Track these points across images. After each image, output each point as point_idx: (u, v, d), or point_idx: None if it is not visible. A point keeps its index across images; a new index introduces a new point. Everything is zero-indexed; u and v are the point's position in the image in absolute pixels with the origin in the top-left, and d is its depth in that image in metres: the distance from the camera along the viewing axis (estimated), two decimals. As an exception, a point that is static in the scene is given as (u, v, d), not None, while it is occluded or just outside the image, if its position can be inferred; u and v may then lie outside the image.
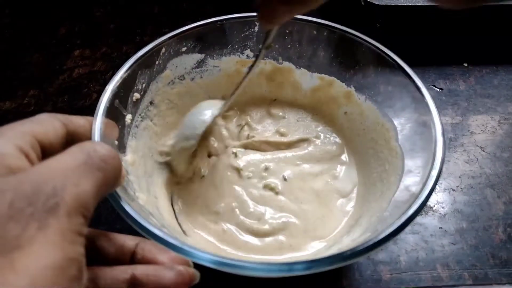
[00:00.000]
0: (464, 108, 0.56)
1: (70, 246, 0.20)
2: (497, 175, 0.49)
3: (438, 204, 0.46)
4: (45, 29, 0.69)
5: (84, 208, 0.21)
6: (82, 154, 0.22)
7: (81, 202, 0.20)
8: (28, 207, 0.19)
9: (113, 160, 0.24)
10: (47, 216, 0.19)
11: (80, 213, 0.20)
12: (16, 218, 0.19)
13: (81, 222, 0.21)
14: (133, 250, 0.28)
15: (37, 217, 0.19)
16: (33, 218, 0.19)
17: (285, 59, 0.48)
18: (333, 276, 0.40)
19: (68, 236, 0.20)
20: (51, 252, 0.19)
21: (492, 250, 0.42)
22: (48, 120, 0.26)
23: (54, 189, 0.20)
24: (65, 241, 0.19)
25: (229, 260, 0.26)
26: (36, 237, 0.19)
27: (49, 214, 0.19)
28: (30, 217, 0.19)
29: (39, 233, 0.19)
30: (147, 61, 0.40)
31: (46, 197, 0.20)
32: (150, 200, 0.37)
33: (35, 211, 0.19)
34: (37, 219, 0.19)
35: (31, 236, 0.19)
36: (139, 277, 0.25)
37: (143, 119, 0.41)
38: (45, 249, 0.18)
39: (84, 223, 0.21)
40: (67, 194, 0.20)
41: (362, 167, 0.44)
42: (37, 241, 0.18)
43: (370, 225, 0.35)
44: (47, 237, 0.19)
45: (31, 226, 0.19)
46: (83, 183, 0.21)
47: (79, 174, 0.21)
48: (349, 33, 0.42)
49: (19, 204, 0.19)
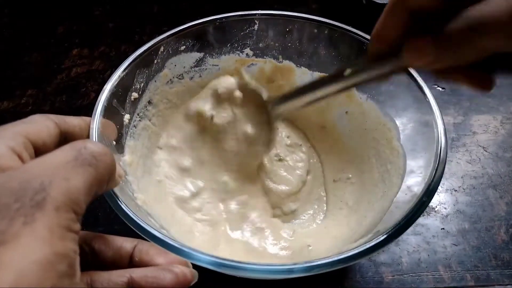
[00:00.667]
0: (467, 107, 0.56)
1: (59, 242, 0.19)
2: (500, 175, 0.48)
3: (440, 205, 0.46)
4: (43, 28, 0.69)
5: (75, 204, 0.20)
6: (73, 150, 0.22)
7: (70, 197, 0.20)
8: (15, 203, 0.19)
9: (105, 156, 0.23)
10: (34, 211, 0.19)
11: (70, 209, 0.20)
12: (2, 214, 0.18)
13: (71, 217, 0.20)
14: (131, 252, 0.27)
15: (24, 212, 0.19)
16: (19, 213, 0.19)
17: (285, 57, 0.47)
18: (334, 278, 0.39)
19: (57, 231, 0.19)
20: (38, 247, 0.18)
21: (494, 251, 0.42)
22: (40, 120, 0.26)
23: (42, 184, 0.20)
24: (53, 236, 0.19)
25: (228, 262, 0.26)
26: (22, 232, 0.18)
27: (36, 209, 0.19)
28: (16, 212, 0.19)
29: (26, 228, 0.18)
30: (145, 60, 0.40)
31: (34, 192, 0.19)
32: (148, 200, 0.37)
33: (21, 206, 0.19)
34: (24, 214, 0.19)
35: (17, 231, 0.18)
36: (137, 280, 0.25)
37: (141, 119, 0.41)
38: (32, 244, 0.18)
39: (74, 219, 0.20)
40: (55, 189, 0.20)
41: (363, 168, 0.44)
42: (23, 235, 0.18)
43: (372, 226, 0.34)
44: (33, 232, 0.18)
45: (17, 221, 0.18)
46: (73, 178, 0.21)
47: (69, 170, 0.21)
48: (350, 31, 0.42)
49: (5, 200, 0.19)
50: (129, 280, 0.25)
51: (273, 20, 0.44)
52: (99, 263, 0.26)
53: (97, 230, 0.40)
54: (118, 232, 0.28)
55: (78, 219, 0.21)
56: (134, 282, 0.25)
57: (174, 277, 0.26)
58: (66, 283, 0.19)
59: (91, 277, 0.24)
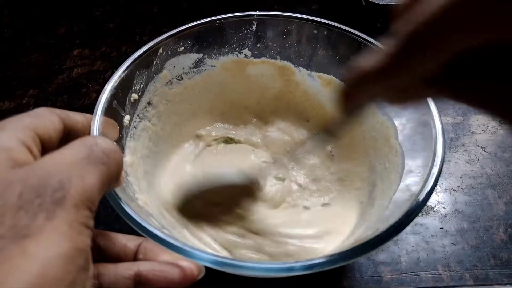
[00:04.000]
0: (465, 108, 0.56)
1: (79, 237, 0.20)
2: (498, 175, 0.49)
3: (439, 205, 0.46)
4: (44, 28, 0.69)
5: (90, 201, 0.21)
6: (85, 148, 0.23)
7: (86, 195, 0.21)
8: (36, 198, 0.19)
9: (115, 154, 0.24)
10: (55, 207, 0.19)
11: (86, 206, 0.21)
12: (25, 208, 0.19)
13: (87, 214, 0.21)
14: (136, 250, 0.28)
15: (45, 207, 0.19)
16: (42, 209, 0.19)
17: (284, 58, 0.47)
18: (333, 277, 0.40)
19: (76, 227, 0.20)
20: (60, 241, 0.19)
21: (493, 250, 0.42)
22: (46, 114, 0.26)
23: (61, 182, 0.20)
24: (73, 232, 0.20)
25: (229, 260, 0.26)
26: (45, 227, 0.19)
27: (57, 205, 0.19)
28: (38, 207, 0.19)
29: (48, 223, 0.19)
30: (145, 61, 0.40)
31: (53, 190, 0.20)
32: (149, 201, 0.37)
33: (43, 202, 0.19)
34: (46, 210, 0.19)
35: (40, 225, 0.19)
36: (145, 273, 0.25)
37: (141, 120, 0.41)
38: (54, 238, 0.19)
39: (90, 216, 0.21)
40: (73, 188, 0.20)
41: (362, 168, 0.44)
42: (46, 230, 0.19)
43: (371, 224, 0.35)
44: (55, 227, 0.19)
45: (39, 216, 0.19)
46: (87, 177, 0.21)
47: (83, 168, 0.22)
48: (349, 32, 0.42)
49: (27, 195, 0.19)
50: (136, 273, 0.25)
51: (272, 20, 0.44)
52: (104, 260, 0.26)
53: (98, 229, 0.40)
54: (119, 231, 0.28)
55: (92, 215, 0.21)
56: (142, 275, 0.25)
57: (181, 271, 0.26)
58: (83, 276, 0.20)
59: (98, 270, 0.25)
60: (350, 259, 0.27)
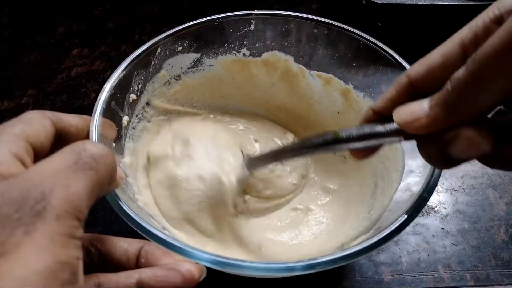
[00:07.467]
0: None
1: (61, 250, 0.19)
2: (499, 175, 0.48)
3: (440, 205, 0.46)
4: (43, 28, 0.69)
5: (77, 210, 0.20)
6: (72, 154, 0.22)
7: (72, 204, 0.20)
8: (15, 213, 0.19)
9: (105, 158, 0.23)
10: (35, 220, 0.18)
11: (72, 216, 0.20)
12: (2, 224, 0.18)
13: (73, 224, 0.20)
14: (137, 253, 0.27)
15: (24, 222, 0.18)
16: (20, 223, 0.18)
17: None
18: (334, 277, 0.39)
19: (58, 239, 0.19)
20: (39, 257, 0.18)
21: (494, 251, 0.42)
22: (37, 119, 0.25)
23: (42, 193, 0.19)
24: (55, 245, 0.19)
25: (229, 260, 0.26)
26: (22, 242, 0.18)
27: (37, 218, 0.19)
28: (16, 222, 0.18)
29: (26, 238, 0.18)
30: (143, 61, 0.40)
31: (34, 202, 0.19)
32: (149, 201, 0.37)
33: (22, 216, 0.18)
34: (24, 224, 0.18)
35: (17, 241, 0.18)
36: (147, 280, 0.25)
37: (140, 120, 0.41)
38: (33, 254, 0.18)
39: (77, 225, 0.20)
40: (55, 197, 0.19)
41: (362, 168, 0.44)
42: (24, 246, 0.18)
43: (371, 224, 0.35)
44: (34, 242, 0.18)
45: (17, 231, 0.18)
46: (73, 184, 0.20)
47: (69, 175, 0.21)
48: (349, 31, 0.42)
49: (6, 210, 0.19)
50: (138, 281, 0.25)
51: (270, 19, 0.44)
52: (105, 265, 0.26)
53: (96, 230, 0.40)
54: (117, 232, 0.28)
55: (81, 225, 0.20)
56: (144, 283, 0.25)
57: (184, 274, 0.26)
58: None
59: (98, 280, 0.24)
60: (351, 259, 0.27)
